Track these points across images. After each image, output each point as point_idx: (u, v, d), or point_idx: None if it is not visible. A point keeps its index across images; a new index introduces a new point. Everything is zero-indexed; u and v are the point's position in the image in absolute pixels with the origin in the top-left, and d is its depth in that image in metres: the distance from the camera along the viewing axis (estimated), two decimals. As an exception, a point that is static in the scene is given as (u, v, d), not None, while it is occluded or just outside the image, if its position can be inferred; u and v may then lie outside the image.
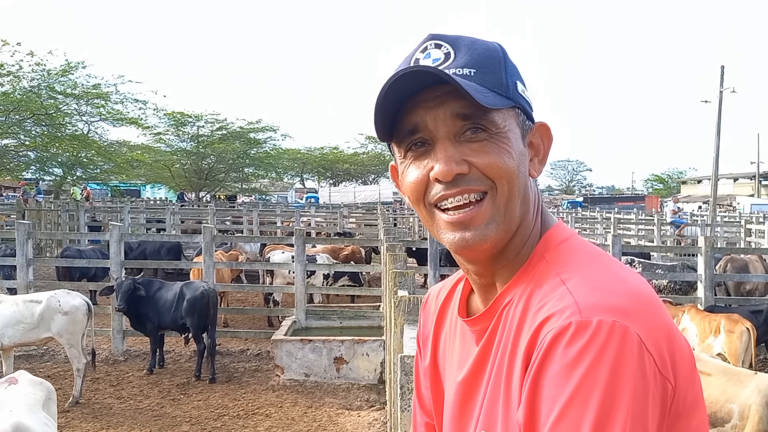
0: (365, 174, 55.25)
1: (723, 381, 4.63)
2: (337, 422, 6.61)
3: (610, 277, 0.87)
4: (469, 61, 0.93)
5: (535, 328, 0.84)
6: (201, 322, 7.99)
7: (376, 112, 0.94)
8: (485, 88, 0.91)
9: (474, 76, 0.92)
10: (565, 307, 0.82)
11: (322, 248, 12.79)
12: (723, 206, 40.38)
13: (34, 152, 25.70)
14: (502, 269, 0.97)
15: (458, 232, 0.93)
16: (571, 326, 0.79)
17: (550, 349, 0.79)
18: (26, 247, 9.39)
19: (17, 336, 6.87)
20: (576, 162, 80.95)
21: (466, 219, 0.92)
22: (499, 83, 0.94)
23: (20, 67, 23.11)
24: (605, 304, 0.81)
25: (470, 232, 0.92)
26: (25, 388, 4.03)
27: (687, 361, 0.85)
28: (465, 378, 1.00)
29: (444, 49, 0.94)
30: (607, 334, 0.78)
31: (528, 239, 0.97)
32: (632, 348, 0.78)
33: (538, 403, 0.79)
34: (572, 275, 0.87)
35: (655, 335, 0.81)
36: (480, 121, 0.92)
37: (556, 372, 0.78)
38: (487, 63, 0.94)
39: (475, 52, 0.94)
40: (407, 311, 3.32)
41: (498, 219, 0.93)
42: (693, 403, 0.85)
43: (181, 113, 33.90)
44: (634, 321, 0.80)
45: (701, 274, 9.14)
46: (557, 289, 0.86)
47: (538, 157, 1.00)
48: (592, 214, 27.58)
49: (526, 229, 0.97)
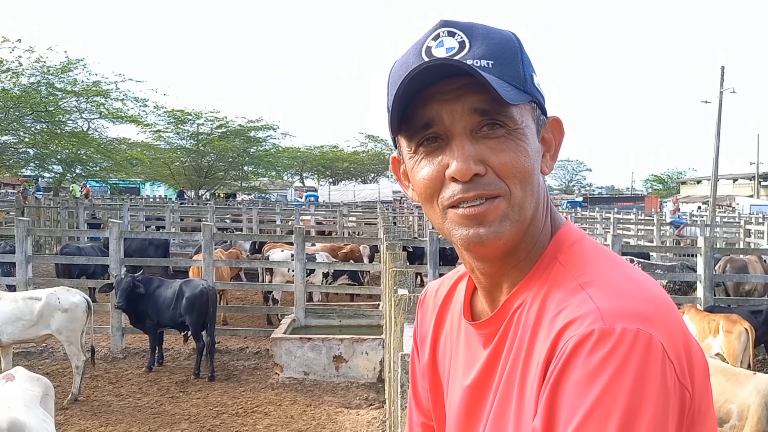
0: (365, 173, 55.29)
1: (722, 381, 4.63)
2: (336, 420, 6.61)
3: (628, 281, 0.84)
4: (486, 52, 0.87)
5: (555, 335, 0.81)
6: (200, 320, 7.99)
7: (395, 105, 0.88)
8: (504, 82, 0.87)
9: (492, 68, 0.87)
10: (586, 312, 0.79)
11: (321, 246, 12.81)
12: (722, 207, 40.38)
13: (33, 149, 25.64)
14: (511, 269, 0.93)
15: (472, 228, 0.88)
16: (594, 333, 0.76)
17: (572, 357, 0.77)
18: (25, 244, 9.38)
19: (17, 333, 6.86)
20: (576, 162, 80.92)
21: (480, 213, 0.87)
22: (517, 76, 0.89)
23: (20, 64, 23.10)
24: (628, 310, 0.78)
25: (484, 228, 0.87)
26: (22, 384, 4.01)
27: (702, 367, 0.83)
28: (473, 383, 0.96)
29: (458, 38, 0.88)
30: (631, 343, 0.75)
31: (538, 238, 0.94)
32: (656, 357, 0.75)
33: (557, 412, 0.76)
34: (590, 279, 0.84)
35: (675, 342, 0.79)
36: (499, 116, 0.87)
37: (577, 380, 0.75)
38: (504, 54, 0.89)
39: (492, 42, 0.89)
40: (407, 310, 3.32)
41: (512, 216, 0.88)
42: (706, 409, 0.83)
43: (181, 111, 33.91)
44: (656, 328, 0.77)
45: (700, 274, 9.14)
46: (576, 294, 0.83)
47: (549, 153, 0.96)
48: (592, 214, 27.56)
49: (536, 228, 0.93)
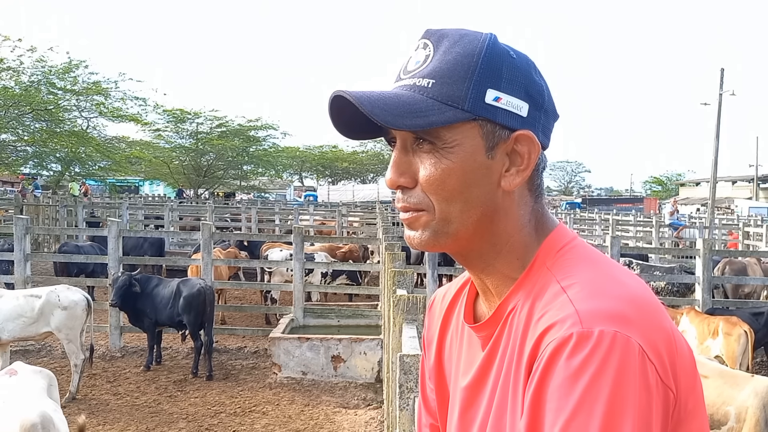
0: (364, 173, 55.27)
1: (720, 383, 4.64)
2: (334, 420, 6.61)
3: (610, 282, 0.86)
4: (433, 71, 0.90)
5: (536, 338, 0.83)
6: (198, 320, 7.99)
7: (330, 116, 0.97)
8: (438, 102, 0.88)
9: (430, 88, 0.89)
10: (566, 316, 0.81)
11: (320, 246, 12.82)
12: (721, 209, 40.40)
13: (32, 147, 25.62)
14: (491, 272, 0.96)
15: (409, 231, 0.95)
16: (573, 337, 0.78)
17: (552, 361, 0.78)
18: (24, 242, 9.38)
19: (17, 330, 6.88)
20: (575, 163, 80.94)
21: (408, 222, 0.94)
22: (457, 96, 0.89)
23: (21, 63, 23.09)
24: (606, 312, 0.80)
25: (414, 232, 0.94)
26: (27, 377, 4.03)
27: (688, 366, 0.84)
28: (469, 384, 0.99)
29: (427, 50, 0.92)
30: (609, 346, 0.77)
31: (522, 252, 0.95)
32: (634, 359, 0.77)
33: (540, 416, 0.78)
34: (572, 282, 0.86)
35: (656, 343, 0.80)
36: (423, 134, 0.90)
37: (559, 384, 0.77)
38: (453, 71, 0.89)
39: (448, 57, 0.90)
40: (406, 310, 3.32)
41: (437, 228, 0.93)
42: (694, 408, 0.84)
43: (181, 110, 33.81)
44: (635, 329, 0.79)
45: (699, 276, 9.16)
46: (558, 298, 0.85)
47: (517, 167, 0.92)
48: (591, 215, 27.58)
49: (512, 245, 0.94)
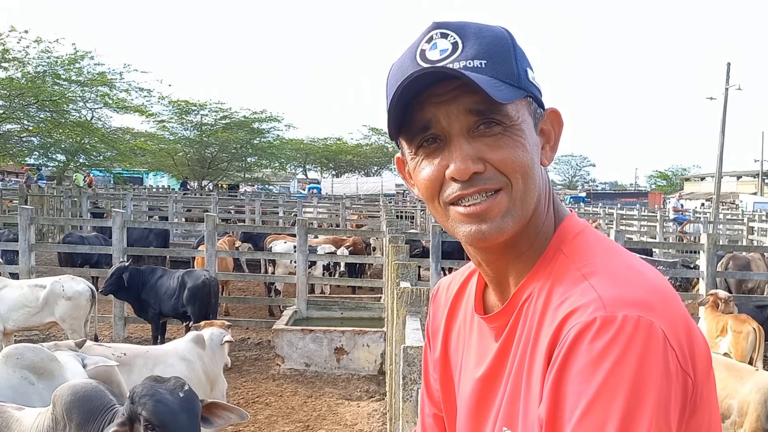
0: (368, 165, 55.15)
1: (724, 376, 4.63)
2: (337, 412, 6.63)
3: (630, 270, 0.86)
4: (479, 52, 0.89)
5: (558, 323, 0.82)
6: (202, 311, 7.99)
7: (391, 112, 0.91)
8: (497, 80, 0.88)
9: (485, 68, 0.88)
10: (589, 301, 0.81)
11: (324, 239, 12.81)
12: (726, 204, 40.26)
13: (37, 138, 25.68)
14: (515, 261, 0.95)
15: (474, 225, 0.90)
16: (597, 321, 0.78)
17: (575, 345, 0.78)
18: (28, 232, 9.40)
19: (21, 320, 6.93)
20: (579, 157, 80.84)
21: (482, 210, 0.90)
22: (511, 73, 0.90)
23: (27, 54, 23.09)
24: (629, 298, 0.80)
25: (486, 224, 0.90)
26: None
27: (705, 356, 0.84)
28: (484, 374, 0.99)
29: (451, 39, 0.90)
30: (632, 330, 0.77)
31: (541, 229, 0.95)
32: (657, 344, 0.77)
33: (562, 399, 0.78)
34: (593, 269, 0.86)
35: (676, 329, 0.80)
36: (494, 115, 0.89)
37: (581, 367, 0.77)
38: (497, 52, 0.90)
39: (484, 41, 0.90)
40: (410, 302, 3.32)
41: (514, 212, 0.90)
42: (708, 397, 0.84)
43: (186, 102, 33.83)
44: (657, 315, 0.79)
45: (703, 271, 9.14)
46: (579, 284, 0.85)
47: (549, 144, 0.97)
48: (595, 209, 27.55)
49: (538, 219, 0.95)
